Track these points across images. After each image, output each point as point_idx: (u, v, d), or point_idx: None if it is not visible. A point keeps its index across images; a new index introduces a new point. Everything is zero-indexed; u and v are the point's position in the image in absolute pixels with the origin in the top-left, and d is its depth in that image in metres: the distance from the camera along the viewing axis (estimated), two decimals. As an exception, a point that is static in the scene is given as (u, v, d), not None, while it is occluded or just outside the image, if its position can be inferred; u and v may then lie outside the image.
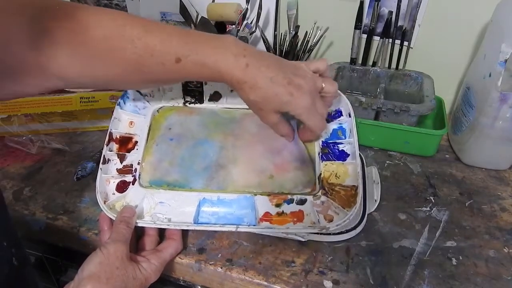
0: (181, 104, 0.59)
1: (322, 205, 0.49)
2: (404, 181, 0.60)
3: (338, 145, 0.53)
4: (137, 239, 0.48)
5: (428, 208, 0.55)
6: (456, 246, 0.49)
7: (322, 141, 0.54)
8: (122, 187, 0.51)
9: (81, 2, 0.97)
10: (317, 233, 0.48)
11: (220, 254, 0.47)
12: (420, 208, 0.55)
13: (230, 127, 0.56)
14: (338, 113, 0.55)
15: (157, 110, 0.58)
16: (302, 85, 0.43)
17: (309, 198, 0.49)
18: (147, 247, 0.46)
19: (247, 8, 0.72)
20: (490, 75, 0.57)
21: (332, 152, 0.53)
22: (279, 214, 0.48)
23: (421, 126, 0.69)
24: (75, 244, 0.52)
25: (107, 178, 0.51)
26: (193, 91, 0.57)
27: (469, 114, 0.62)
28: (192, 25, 0.72)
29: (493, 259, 0.48)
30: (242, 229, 0.46)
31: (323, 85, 0.46)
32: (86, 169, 0.57)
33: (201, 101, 0.59)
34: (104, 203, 0.48)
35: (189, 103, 0.59)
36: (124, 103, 0.56)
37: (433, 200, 0.57)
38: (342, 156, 0.52)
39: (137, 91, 0.56)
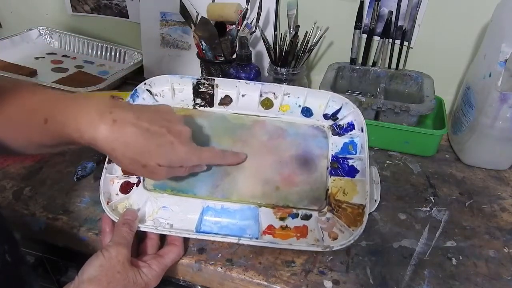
0: (190, 107, 0.57)
1: (327, 222, 0.48)
2: (404, 181, 0.60)
3: (348, 160, 0.52)
4: (138, 242, 0.47)
5: (428, 208, 0.55)
6: (456, 246, 0.49)
7: (332, 155, 0.52)
8: (126, 188, 0.50)
9: (81, 3, 0.97)
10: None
11: (220, 254, 0.47)
12: (420, 208, 0.55)
13: (239, 133, 0.54)
14: (351, 126, 0.53)
15: None
16: (182, 131, 0.42)
17: (315, 214, 0.48)
18: (148, 251, 0.46)
19: (247, 8, 0.72)
20: (490, 75, 0.57)
21: (341, 167, 0.51)
22: (283, 227, 0.47)
23: (421, 126, 0.69)
24: (75, 244, 0.52)
25: (111, 178, 0.50)
26: (203, 93, 0.56)
27: (469, 114, 0.62)
28: (192, 25, 0.72)
29: (493, 259, 0.48)
30: (244, 241, 0.45)
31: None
32: (86, 169, 0.57)
33: (211, 105, 0.57)
34: (107, 203, 0.47)
35: (199, 106, 0.57)
36: (133, 102, 0.55)
37: (433, 200, 0.57)
38: (352, 172, 0.51)
39: (147, 90, 0.55)
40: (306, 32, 0.69)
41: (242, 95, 0.56)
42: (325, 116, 0.55)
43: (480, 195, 0.58)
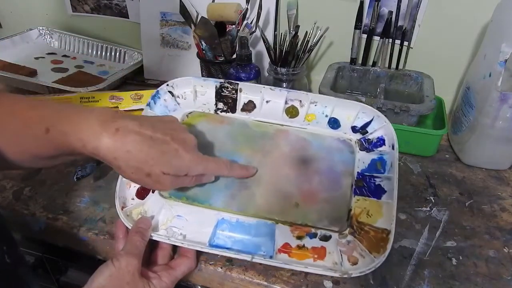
0: (212, 111, 0.56)
1: (348, 245, 0.45)
2: (404, 181, 0.60)
3: (375, 179, 0.49)
4: (150, 250, 0.46)
5: (428, 208, 0.55)
6: (456, 246, 0.49)
7: (358, 172, 0.49)
8: (142, 193, 0.48)
9: (81, 3, 0.97)
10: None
11: (220, 254, 0.47)
12: (420, 208, 0.55)
13: (260, 143, 0.53)
14: (381, 142, 0.51)
15: (187, 115, 0.55)
16: (186, 139, 0.42)
17: (334, 235, 0.45)
18: (159, 261, 0.45)
19: (247, 8, 0.72)
20: (490, 75, 0.57)
21: (367, 185, 0.48)
22: (300, 247, 0.45)
23: (421, 126, 0.69)
24: (75, 244, 0.52)
25: (128, 181, 0.48)
26: (226, 97, 0.55)
27: (469, 114, 0.62)
28: (192, 25, 0.72)
29: (493, 259, 0.48)
30: (257, 260, 0.43)
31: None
32: (86, 169, 0.57)
33: (234, 110, 0.55)
34: (122, 209, 0.46)
35: (221, 111, 0.56)
36: (155, 103, 0.53)
37: (433, 200, 0.57)
38: (378, 192, 0.48)
39: (169, 91, 0.54)
40: (306, 32, 0.69)
41: (267, 101, 0.55)
42: (354, 129, 0.53)
43: (480, 195, 0.58)
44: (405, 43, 0.74)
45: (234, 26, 0.72)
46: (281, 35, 0.70)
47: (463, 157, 0.65)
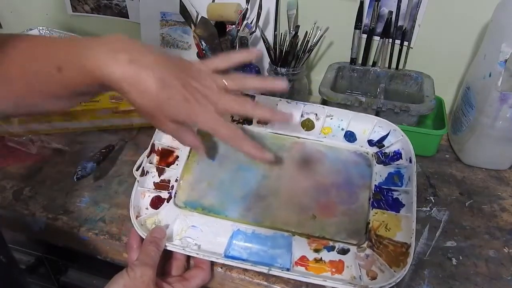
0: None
1: (366, 259, 0.44)
2: (404, 181, 0.60)
3: (393, 192, 0.49)
4: (164, 260, 0.45)
5: (428, 208, 0.55)
6: (456, 246, 0.49)
7: (375, 185, 0.50)
8: (156, 203, 0.48)
9: (81, 3, 0.97)
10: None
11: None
12: (420, 208, 0.55)
13: (277, 155, 0.52)
14: (397, 155, 0.51)
15: None
16: (199, 89, 0.38)
17: (353, 248, 0.45)
18: (173, 272, 0.44)
19: (247, 8, 0.72)
20: (490, 75, 0.57)
21: (384, 199, 0.48)
22: (317, 260, 0.44)
23: (421, 126, 0.69)
24: (75, 244, 0.52)
25: (142, 191, 0.49)
26: None
27: (469, 114, 0.62)
28: (192, 25, 0.72)
29: (493, 259, 0.48)
30: (274, 272, 0.42)
31: (225, 83, 0.41)
32: (86, 169, 0.57)
33: (249, 122, 0.56)
34: (136, 218, 0.46)
35: (237, 123, 0.56)
36: None
37: (433, 200, 0.57)
38: (396, 205, 0.47)
39: None
40: (306, 32, 0.69)
41: None
42: (370, 142, 0.53)
43: (480, 195, 0.58)
44: (405, 43, 0.74)
45: (234, 26, 0.72)
46: (281, 35, 0.70)
47: (463, 157, 0.65)
